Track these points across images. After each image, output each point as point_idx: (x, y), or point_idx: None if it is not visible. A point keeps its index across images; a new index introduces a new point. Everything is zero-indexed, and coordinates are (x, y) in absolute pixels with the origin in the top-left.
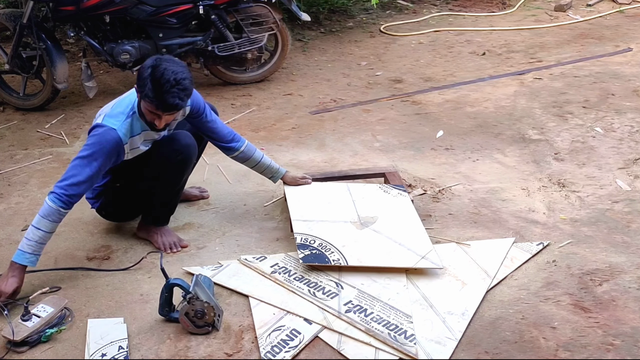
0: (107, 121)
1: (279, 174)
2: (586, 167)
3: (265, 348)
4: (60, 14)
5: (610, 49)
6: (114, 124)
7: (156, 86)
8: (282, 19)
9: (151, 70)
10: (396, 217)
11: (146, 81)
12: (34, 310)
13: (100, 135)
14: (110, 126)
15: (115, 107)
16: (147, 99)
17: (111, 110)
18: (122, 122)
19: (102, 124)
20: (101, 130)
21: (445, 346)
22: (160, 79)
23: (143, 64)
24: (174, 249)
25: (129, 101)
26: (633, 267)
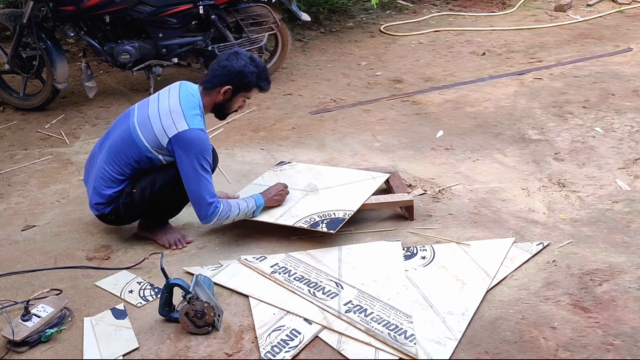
0: (193, 125)
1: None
2: (586, 167)
3: (265, 348)
4: (60, 14)
5: (610, 49)
6: (200, 125)
7: (264, 73)
8: (282, 19)
9: (253, 63)
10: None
11: (252, 74)
12: (34, 310)
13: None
14: (199, 128)
15: (187, 112)
16: (257, 86)
17: (186, 116)
18: (202, 122)
19: (192, 129)
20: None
21: (445, 346)
22: (262, 66)
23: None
24: (179, 245)
25: (194, 104)
26: (633, 267)
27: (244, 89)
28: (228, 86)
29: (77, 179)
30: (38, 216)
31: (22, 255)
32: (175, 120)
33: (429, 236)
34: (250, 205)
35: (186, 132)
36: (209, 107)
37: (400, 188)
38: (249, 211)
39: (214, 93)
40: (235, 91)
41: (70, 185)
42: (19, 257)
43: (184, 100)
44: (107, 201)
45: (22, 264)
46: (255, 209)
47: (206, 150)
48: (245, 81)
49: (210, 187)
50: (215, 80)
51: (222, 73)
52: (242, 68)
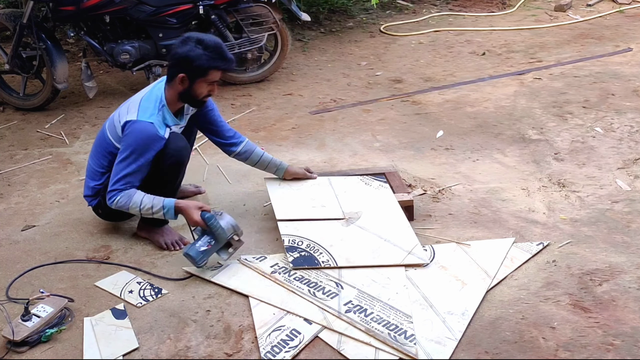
0: (142, 116)
1: (282, 167)
2: (586, 167)
3: (265, 348)
4: (60, 14)
5: (610, 49)
6: (149, 117)
7: (216, 51)
8: (282, 19)
9: (201, 45)
10: (380, 212)
11: (203, 55)
12: (34, 310)
13: (139, 132)
14: (147, 120)
15: (143, 103)
16: (213, 68)
17: (140, 107)
18: (155, 115)
19: (137, 120)
20: (139, 126)
21: (445, 346)
22: (215, 45)
23: (181, 50)
24: (177, 247)
25: (155, 96)
26: (633, 267)
27: (198, 74)
28: (181, 74)
29: (77, 179)
30: (38, 216)
31: (22, 255)
32: (129, 110)
33: (429, 236)
34: (156, 208)
35: (132, 122)
36: (174, 99)
37: (400, 188)
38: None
39: (174, 84)
40: (191, 78)
41: (70, 185)
42: (19, 257)
43: (147, 94)
44: (93, 194)
45: (22, 264)
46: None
47: (141, 140)
48: (194, 65)
49: (123, 173)
50: (171, 71)
51: (172, 62)
52: (187, 53)
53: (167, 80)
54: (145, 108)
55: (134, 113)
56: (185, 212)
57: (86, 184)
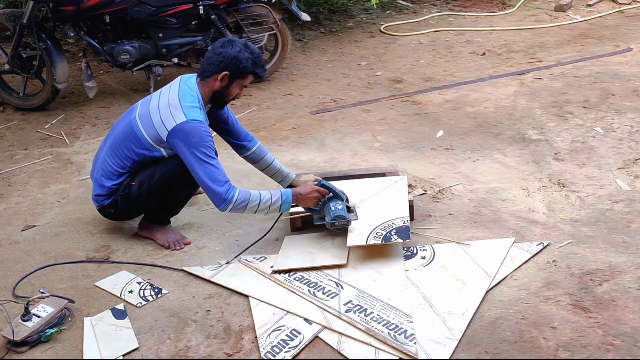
0: (191, 116)
1: (289, 178)
2: (586, 167)
3: (265, 348)
4: (60, 14)
5: (610, 49)
6: (198, 116)
7: (258, 59)
8: (282, 19)
9: (247, 50)
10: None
11: (247, 60)
12: (34, 310)
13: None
14: (197, 119)
15: (185, 104)
16: (252, 73)
17: (184, 108)
18: (200, 113)
19: (189, 120)
20: (194, 126)
21: (445, 346)
22: (257, 52)
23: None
24: (178, 246)
25: (192, 96)
26: (633, 267)
27: (240, 75)
28: (225, 72)
29: (77, 179)
30: (38, 216)
31: (22, 255)
32: (173, 113)
33: (429, 236)
34: (275, 199)
35: (183, 124)
36: (207, 97)
37: None
38: (274, 205)
39: (210, 81)
40: (232, 77)
41: (70, 185)
42: (19, 257)
43: (182, 93)
44: (107, 193)
45: (22, 264)
46: (281, 203)
47: (205, 138)
48: (240, 67)
49: (217, 173)
50: (212, 68)
51: (217, 60)
52: (237, 54)
53: (201, 77)
54: (189, 108)
55: (181, 115)
56: (302, 197)
57: (98, 183)
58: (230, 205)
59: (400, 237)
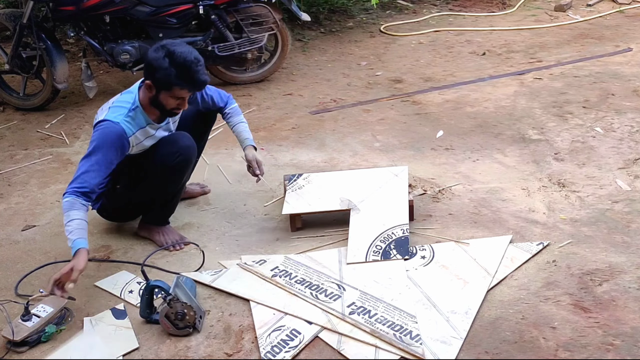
0: (110, 116)
1: (243, 144)
2: (586, 167)
3: (265, 348)
4: (60, 14)
5: (610, 49)
6: (117, 117)
7: (183, 70)
8: (282, 19)
9: (169, 59)
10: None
11: (168, 70)
12: (34, 310)
13: (103, 130)
14: (113, 120)
15: (116, 103)
16: (177, 85)
17: (111, 107)
18: (124, 115)
19: (105, 119)
20: (104, 125)
21: (451, 345)
22: (184, 62)
23: (150, 57)
24: (177, 247)
25: (130, 97)
26: (633, 267)
27: (163, 86)
28: (147, 81)
29: None
30: (38, 216)
31: (22, 255)
32: (102, 111)
33: (429, 236)
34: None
35: (100, 122)
36: (147, 103)
37: None
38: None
39: (144, 88)
40: (157, 88)
41: None
42: (19, 257)
43: (123, 95)
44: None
45: (22, 264)
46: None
47: (103, 141)
48: (157, 77)
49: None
50: (144, 74)
51: (144, 66)
52: (153, 62)
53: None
54: (115, 108)
55: (103, 113)
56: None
57: None
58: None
59: (399, 252)
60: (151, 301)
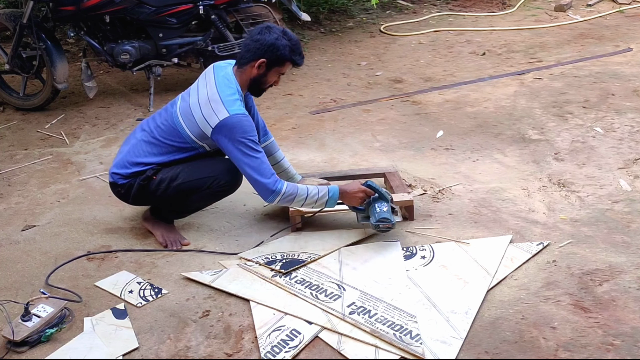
0: (234, 110)
1: (294, 180)
2: (586, 167)
3: (265, 348)
4: (60, 14)
5: (610, 49)
6: (240, 109)
7: (297, 46)
8: (282, 19)
9: (286, 37)
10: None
11: (284, 47)
12: (34, 310)
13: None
14: (238, 113)
15: (227, 97)
16: (290, 60)
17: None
18: (241, 105)
19: (231, 115)
20: (237, 119)
21: (451, 345)
22: (295, 39)
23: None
24: (175, 246)
25: (232, 88)
26: (633, 267)
27: (278, 62)
28: (262, 59)
29: (77, 179)
30: (38, 216)
31: (22, 255)
32: (215, 109)
33: (429, 236)
34: (321, 194)
35: (226, 120)
36: (245, 85)
37: (400, 188)
38: (320, 200)
39: (248, 68)
40: (269, 65)
41: (70, 185)
42: (19, 257)
43: (220, 86)
44: (126, 174)
45: (22, 264)
46: (327, 199)
47: (248, 131)
48: (278, 54)
49: (263, 166)
50: (249, 55)
51: (254, 47)
52: (275, 41)
53: (239, 65)
54: (229, 101)
55: (223, 110)
56: (348, 195)
57: (122, 163)
58: (278, 197)
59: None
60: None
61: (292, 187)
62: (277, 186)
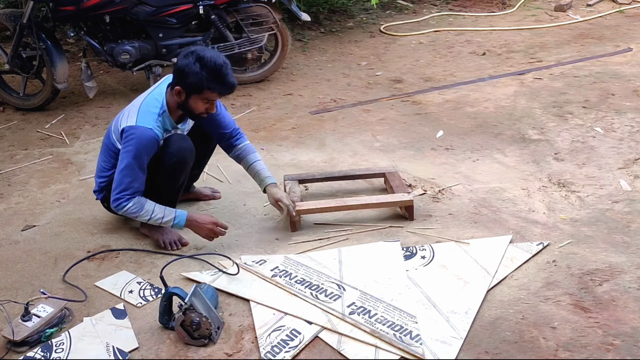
0: (142, 122)
1: (263, 184)
2: (586, 167)
3: (265, 348)
4: (60, 14)
5: (610, 49)
6: (149, 123)
7: (214, 73)
8: (282, 19)
9: (200, 63)
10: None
11: (200, 75)
12: (34, 310)
13: (138, 136)
14: (146, 126)
15: (144, 108)
16: (208, 89)
17: (140, 113)
18: (154, 120)
19: (137, 125)
20: (139, 131)
21: (450, 345)
22: (214, 66)
23: (180, 63)
24: (174, 247)
25: (157, 102)
26: (633, 267)
27: (194, 90)
28: (177, 86)
29: (77, 179)
30: (38, 216)
31: (22, 255)
32: (130, 115)
33: (429, 236)
34: (166, 219)
35: (131, 127)
36: (174, 107)
37: (400, 188)
38: (165, 223)
39: (173, 93)
40: (188, 92)
41: (70, 185)
42: (19, 257)
43: (149, 98)
44: (99, 189)
45: (22, 264)
46: (173, 224)
47: (142, 147)
48: (188, 82)
49: (128, 180)
50: (172, 80)
51: (174, 72)
52: (184, 67)
53: (170, 86)
54: (144, 113)
55: (134, 118)
56: (196, 224)
57: (95, 179)
58: (121, 211)
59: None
60: (170, 308)
61: (137, 207)
62: (121, 203)
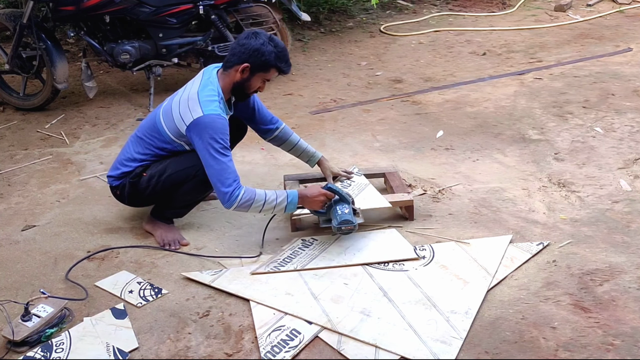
0: (209, 111)
1: (315, 157)
2: (586, 167)
3: (265, 348)
4: (60, 14)
5: (610, 49)
6: (215, 110)
7: (283, 55)
8: (282, 19)
9: (272, 43)
10: None
11: (273, 53)
12: (34, 310)
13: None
14: (214, 113)
15: (205, 98)
16: (275, 67)
17: (202, 102)
18: (218, 107)
19: (206, 114)
20: (210, 119)
21: (451, 345)
22: (284, 48)
23: (254, 43)
24: (173, 246)
25: (213, 90)
26: (633, 267)
27: (262, 68)
28: (246, 64)
29: (77, 179)
30: (38, 216)
31: (22, 255)
32: (191, 107)
33: (429, 236)
34: (280, 200)
35: (200, 119)
36: (228, 89)
37: (400, 188)
38: (279, 205)
39: (232, 72)
40: (253, 70)
41: (70, 185)
42: (19, 257)
43: (201, 86)
44: (117, 175)
45: (22, 264)
46: (286, 204)
47: (219, 133)
48: (262, 59)
49: (227, 172)
50: (234, 59)
51: (240, 51)
52: (260, 46)
53: (224, 68)
54: (206, 102)
55: (198, 109)
56: (308, 199)
57: (115, 165)
58: (234, 205)
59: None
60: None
61: (249, 193)
62: (233, 194)
